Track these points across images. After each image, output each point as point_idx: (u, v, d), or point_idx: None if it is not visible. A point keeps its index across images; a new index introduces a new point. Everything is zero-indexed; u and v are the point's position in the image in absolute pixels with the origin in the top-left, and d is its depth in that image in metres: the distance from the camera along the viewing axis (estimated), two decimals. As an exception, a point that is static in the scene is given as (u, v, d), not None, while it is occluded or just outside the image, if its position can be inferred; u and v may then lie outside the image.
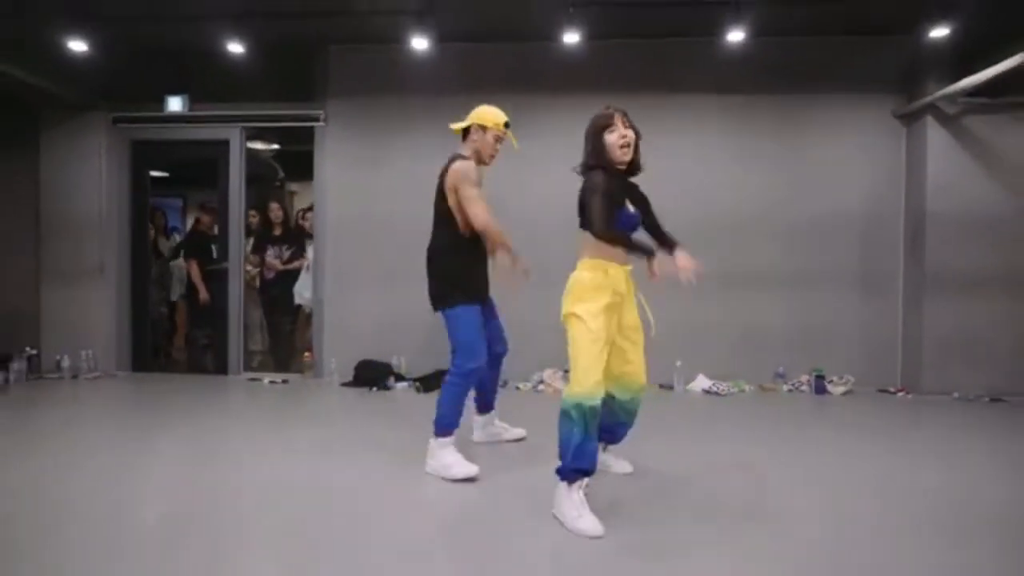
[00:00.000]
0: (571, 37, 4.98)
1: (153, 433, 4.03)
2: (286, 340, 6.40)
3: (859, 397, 5.26)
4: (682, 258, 2.74)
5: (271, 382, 5.70)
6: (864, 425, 4.38)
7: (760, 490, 3.00)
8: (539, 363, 5.51)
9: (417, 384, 5.40)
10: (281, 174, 9.32)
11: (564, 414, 2.59)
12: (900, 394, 5.33)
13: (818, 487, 3.06)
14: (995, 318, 5.21)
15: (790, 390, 5.45)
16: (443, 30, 5.09)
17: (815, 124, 5.60)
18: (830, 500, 2.89)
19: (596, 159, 2.71)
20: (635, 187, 2.89)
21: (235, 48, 5.13)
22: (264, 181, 9.15)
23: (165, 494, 2.93)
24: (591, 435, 2.57)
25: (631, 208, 2.78)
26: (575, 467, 2.57)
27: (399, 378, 5.53)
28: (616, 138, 2.68)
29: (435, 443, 3.18)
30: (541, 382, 5.47)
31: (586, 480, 2.60)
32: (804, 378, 5.48)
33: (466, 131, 3.37)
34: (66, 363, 5.70)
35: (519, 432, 3.82)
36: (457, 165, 3.21)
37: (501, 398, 3.85)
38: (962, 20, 4.66)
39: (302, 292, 6.14)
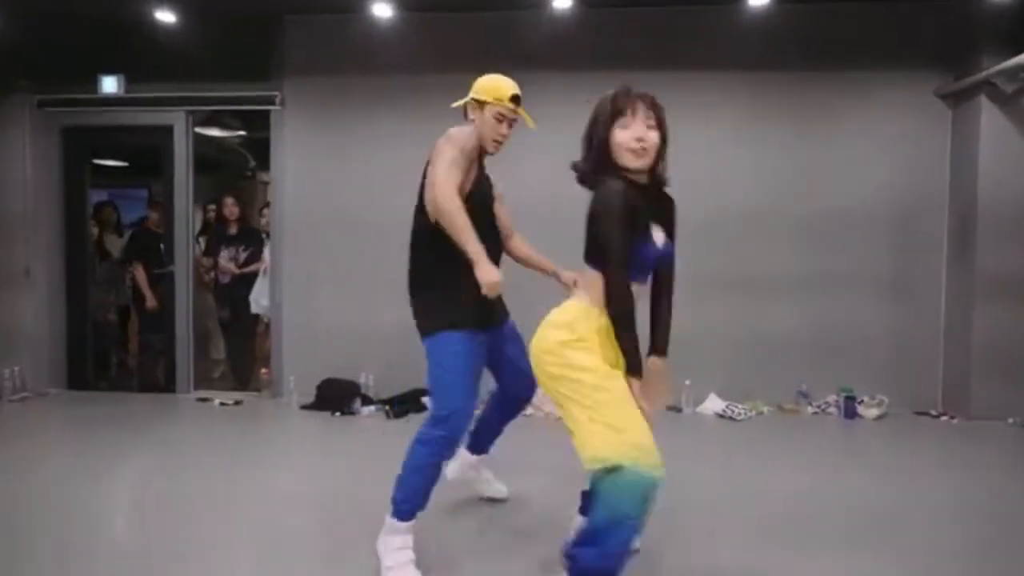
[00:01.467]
0: (561, 3, 4.22)
1: (81, 467, 3.40)
2: (243, 353, 5.68)
3: (895, 421, 4.57)
4: (660, 384, 2.03)
5: (222, 404, 5.00)
6: (904, 458, 3.70)
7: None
8: (527, 382, 4.81)
9: (387, 408, 4.70)
10: (252, 163, 8.58)
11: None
12: (943, 418, 4.62)
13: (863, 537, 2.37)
14: (1055, 329, 4.50)
15: (815, 412, 4.75)
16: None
17: (844, 105, 4.83)
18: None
19: (595, 161, 1.94)
20: (665, 204, 2.07)
21: (167, 17, 4.39)
22: (232, 171, 8.43)
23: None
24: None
25: (659, 238, 1.97)
26: None
27: (366, 400, 4.82)
28: (628, 137, 1.88)
29: (388, 522, 2.35)
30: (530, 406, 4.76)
31: None
32: (831, 399, 4.77)
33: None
34: (-12, 382, 5.00)
35: (500, 490, 3.02)
36: (457, 129, 2.40)
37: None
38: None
39: (259, 299, 5.42)
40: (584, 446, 1.86)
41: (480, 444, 2.89)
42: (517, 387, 2.66)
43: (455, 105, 2.58)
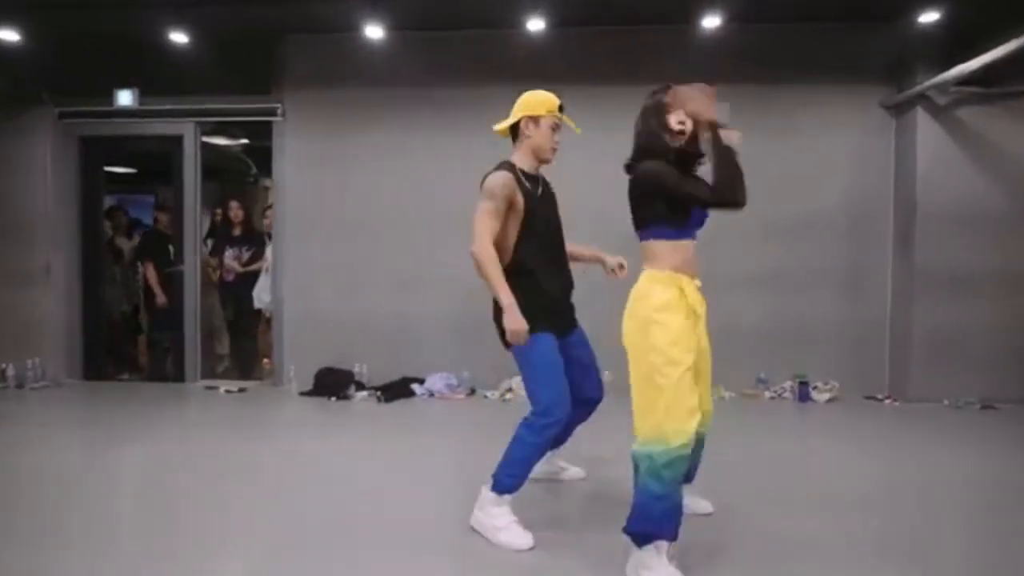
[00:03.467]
0: (536, 24, 4.67)
1: (98, 448, 3.79)
2: (246, 346, 6.10)
3: (845, 404, 4.99)
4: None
5: (227, 391, 5.42)
6: (850, 437, 4.12)
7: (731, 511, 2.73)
8: (509, 369, 5.22)
9: (379, 394, 5.11)
10: (254, 170, 9.01)
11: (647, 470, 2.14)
12: (888, 401, 5.05)
13: (805, 502, 2.79)
14: (988, 319, 4.93)
15: (772, 397, 5.18)
16: (400, 17, 4.79)
17: (798, 115, 5.28)
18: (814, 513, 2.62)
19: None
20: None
21: (180, 38, 4.85)
22: (235, 177, 8.85)
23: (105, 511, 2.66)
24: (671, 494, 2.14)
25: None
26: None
27: (360, 387, 5.24)
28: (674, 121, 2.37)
29: (488, 496, 2.60)
30: (510, 390, 5.18)
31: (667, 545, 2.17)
32: (787, 384, 5.20)
33: (515, 129, 2.74)
34: (11, 372, 5.41)
35: (578, 472, 3.25)
36: (490, 178, 2.62)
37: (472, 407, 3.27)
38: (953, 5, 4.35)
39: (261, 296, 5.84)
40: (637, 417, 2.20)
41: (557, 439, 3.01)
42: (586, 388, 2.82)
43: (499, 127, 2.77)
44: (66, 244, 5.73)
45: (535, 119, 2.70)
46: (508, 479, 2.58)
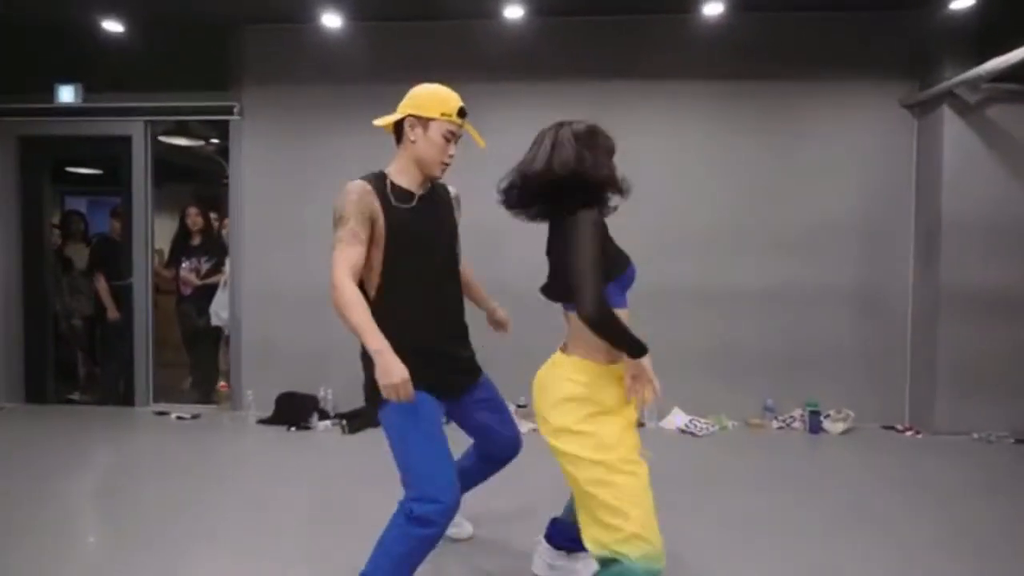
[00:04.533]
0: (514, 11, 4.16)
1: (30, 484, 3.31)
2: (204, 366, 5.59)
3: (861, 436, 4.49)
4: (649, 370, 1.92)
5: (179, 417, 4.92)
6: (866, 475, 3.61)
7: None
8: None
9: (343, 423, 4.61)
10: (228, 171, 8.51)
11: None
12: (908, 433, 4.54)
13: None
14: (1023, 343, 4.42)
15: (780, 427, 4.67)
16: (361, 6, 4.27)
17: (809, 115, 4.77)
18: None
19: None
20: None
21: (115, 27, 4.34)
22: (208, 180, 8.36)
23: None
24: None
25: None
26: None
27: (323, 415, 4.74)
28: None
29: None
30: (489, 418, 4.68)
31: None
32: (797, 413, 4.69)
33: (399, 127, 2.19)
34: (-60, 396, 4.92)
35: (466, 530, 2.79)
36: (337, 195, 2.10)
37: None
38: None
39: (219, 312, 5.33)
40: (587, 527, 1.81)
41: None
42: (500, 448, 2.40)
43: (379, 123, 2.24)
44: (4, 254, 5.23)
45: (423, 121, 2.14)
46: None
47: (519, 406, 4.58)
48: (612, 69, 4.72)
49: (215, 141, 7.45)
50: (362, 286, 2.07)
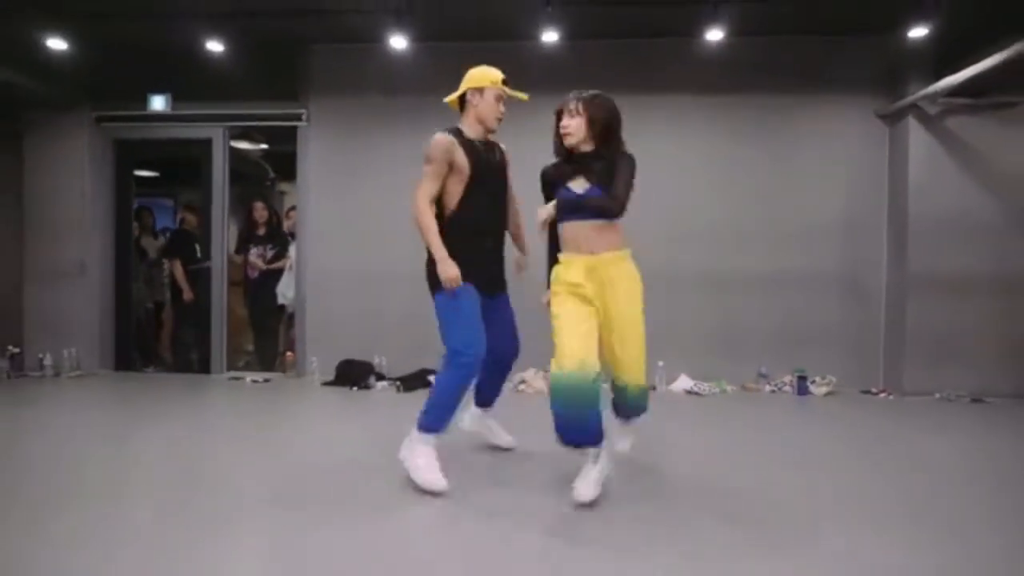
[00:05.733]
0: (549, 36, 4.97)
1: (130, 429, 4.05)
2: (270, 339, 6.38)
3: (841, 397, 5.24)
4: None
5: (253, 381, 5.69)
6: (842, 426, 4.37)
7: (735, 486, 2.99)
8: (521, 363, 5.48)
9: (398, 384, 5.38)
10: (271, 174, 9.32)
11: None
12: (882, 395, 5.30)
13: (790, 483, 3.05)
14: (978, 319, 5.20)
15: (772, 391, 5.43)
16: (422, 29, 5.09)
17: (797, 124, 5.58)
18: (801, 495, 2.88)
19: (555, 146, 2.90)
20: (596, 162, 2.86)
21: (215, 47, 5.15)
22: (253, 181, 9.16)
23: (147, 487, 2.92)
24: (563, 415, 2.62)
25: (578, 186, 2.84)
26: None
27: (380, 377, 5.51)
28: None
29: (415, 435, 2.91)
30: (523, 382, 5.44)
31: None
32: (787, 379, 5.46)
33: (462, 101, 3.05)
34: (48, 361, 5.70)
35: (508, 440, 3.50)
36: (430, 141, 2.91)
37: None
38: (942, 19, 4.64)
39: (285, 292, 6.13)
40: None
41: (484, 399, 3.45)
42: (502, 348, 3.19)
43: (449, 99, 3.10)
44: (99, 242, 6.03)
45: (480, 90, 3.00)
46: (431, 420, 2.88)
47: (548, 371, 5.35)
48: (626, 85, 5.50)
49: (264, 146, 8.29)
50: (440, 206, 2.95)
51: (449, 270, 2.82)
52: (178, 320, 6.59)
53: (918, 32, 4.77)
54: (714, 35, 4.86)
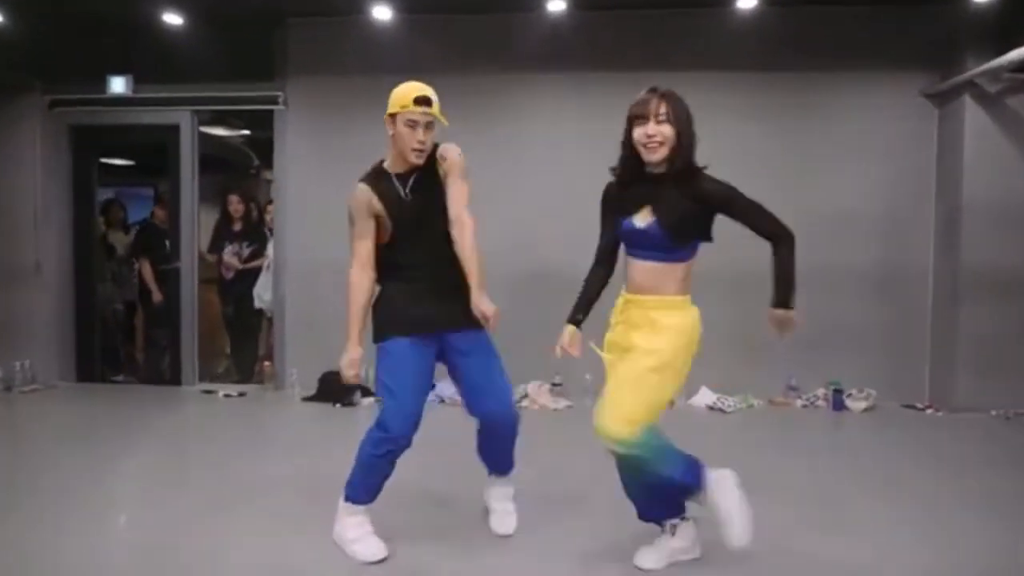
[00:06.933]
0: (556, 5, 4.35)
1: (77, 455, 3.55)
2: (246, 348, 5.82)
3: (882, 414, 4.68)
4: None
5: (226, 395, 5.14)
6: (888, 451, 3.80)
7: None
8: (524, 375, 4.92)
9: (386, 399, 4.82)
10: (256, 162, 8.73)
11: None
12: (929, 411, 4.73)
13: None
14: (1040, 324, 4.61)
15: (804, 405, 4.87)
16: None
17: (833, 105, 4.95)
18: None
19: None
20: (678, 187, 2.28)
21: (174, 20, 4.56)
22: (236, 169, 8.57)
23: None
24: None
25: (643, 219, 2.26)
26: None
27: (366, 393, 4.96)
28: (640, 135, 2.20)
29: (341, 505, 2.48)
30: (525, 396, 4.89)
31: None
32: (820, 392, 4.89)
33: None
34: (-2, 374, 5.15)
35: (499, 528, 2.65)
36: (350, 195, 2.52)
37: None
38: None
39: (262, 295, 5.56)
40: None
41: (487, 464, 2.75)
42: (477, 401, 2.52)
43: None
44: (57, 240, 5.46)
45: (392, 118, 2.42)
46: (353, 488, 2.45)
47: (554, 384, 4.81)
48: (646, 61, 4.90)
49: (246, 132, 7.68)
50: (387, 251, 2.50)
51: (344, 361, 2.49)
52: (148, 323, 6.04)
53: (981, -2, 4.13)
54: (746, 3, 4.23)
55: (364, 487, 2.43)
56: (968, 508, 2.93)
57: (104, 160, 8.48)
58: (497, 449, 2.66)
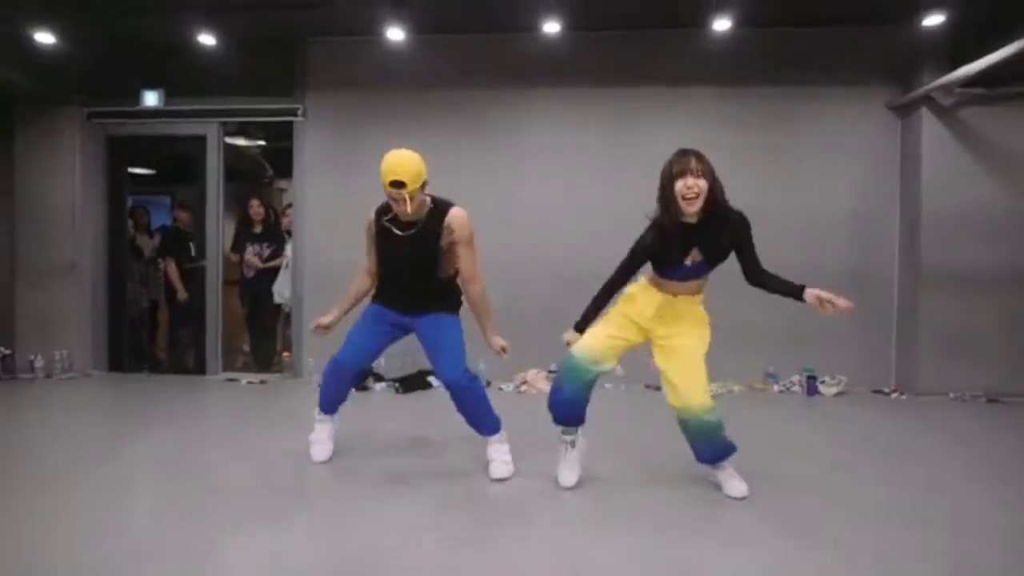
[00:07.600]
0: (552, 27, 4.82)
1: (119, 433, 3.93)
2: (267, 340, 6.25)
3: (852, 397, 5.09)
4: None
5: (248, 383, 5.56)
6: (854, 427, 4.22)
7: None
8: (522, 363, 5.35)
9: (397, 385, 5.25)
10: (269, 171, 9.19)
11: None
12: (894, 395, 5.16)
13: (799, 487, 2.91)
14: (993, 316, 5.05)
15: (781, 391, 5.29)
16: (421, 21, 4.95)
17: (806, 117, 5.42)
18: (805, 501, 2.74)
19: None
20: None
21: (208, 40, 5.02)
22: (252, 178, 9.02)
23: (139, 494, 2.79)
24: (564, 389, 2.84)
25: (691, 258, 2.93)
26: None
27: (379, 378, 5.38)
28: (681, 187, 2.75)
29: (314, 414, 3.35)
30: (524, 383, 5.31)
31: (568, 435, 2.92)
32: (795, 378, 5.31)
33: None
34: (40, 363, 5.57)
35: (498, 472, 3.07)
36: None
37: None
38: (957, 8, 4.49)
39: (281, 291, 6.00)
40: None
41: (474, 428, 3.18)
42: (435, 367, 3.13)
43: None
44: (92, 241, 5.90)
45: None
46: (320, 400, 3.32)
47: (550, 371, 5.22)
48: (633, 77, 5.38)
49: (262, 143, 8.15)
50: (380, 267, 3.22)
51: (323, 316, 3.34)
52: (173, 320, 6.47)
53: (933, 21, 4.61)
54: (721, 25, 4.71)
55: (325, 400, 3.29)
56: (920, 480, 3.35)
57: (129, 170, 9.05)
58: (468, 412, 3.11)
